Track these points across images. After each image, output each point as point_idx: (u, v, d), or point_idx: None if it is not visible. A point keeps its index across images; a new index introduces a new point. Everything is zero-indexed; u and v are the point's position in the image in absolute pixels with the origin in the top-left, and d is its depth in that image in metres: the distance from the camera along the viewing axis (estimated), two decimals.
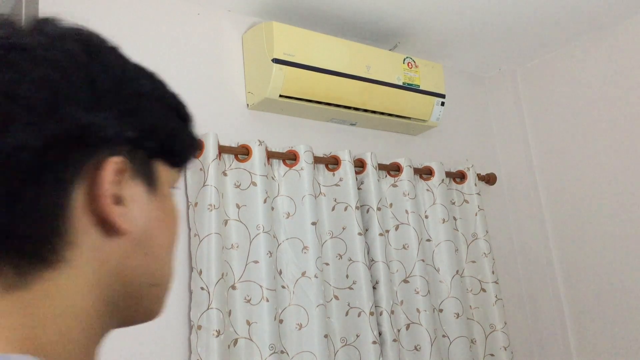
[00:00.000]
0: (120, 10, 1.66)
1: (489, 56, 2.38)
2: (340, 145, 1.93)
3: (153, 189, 0.48)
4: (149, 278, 0.49)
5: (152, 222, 0.48)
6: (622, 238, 2.13)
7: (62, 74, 0.43)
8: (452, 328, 1.94)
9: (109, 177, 0.44)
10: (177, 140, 0.50)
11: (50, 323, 0.42)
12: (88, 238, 0.44)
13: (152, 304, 0.50)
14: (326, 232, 1.80)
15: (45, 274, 0.42)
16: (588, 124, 2.26)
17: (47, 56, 0.43)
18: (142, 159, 0.47)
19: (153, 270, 0.49)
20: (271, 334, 1.54)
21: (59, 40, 0.46)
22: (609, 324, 2.14)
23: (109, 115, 0.44)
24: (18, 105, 0.40)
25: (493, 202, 2.35)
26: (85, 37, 0.48)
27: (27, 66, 0.42)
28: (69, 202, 0.43)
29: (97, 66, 0.46)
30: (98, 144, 0.44)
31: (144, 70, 0.50)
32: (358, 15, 1.95)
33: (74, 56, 0.45)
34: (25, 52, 0.43)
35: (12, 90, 0.41)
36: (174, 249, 0.52)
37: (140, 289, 0.48)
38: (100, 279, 0.45)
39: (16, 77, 0.41)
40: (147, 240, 0.48)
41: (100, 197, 0.43)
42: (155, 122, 0.48)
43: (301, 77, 1.76)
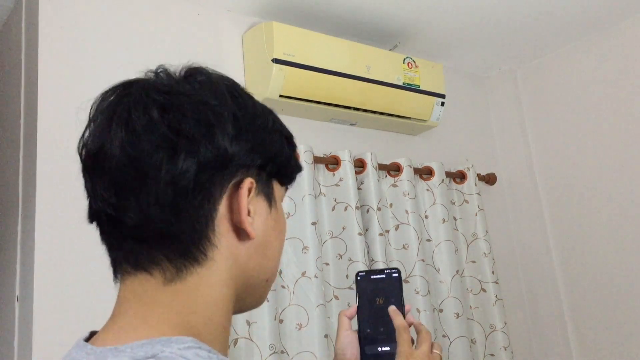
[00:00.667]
0: (120, 10, 1.66)
1: (489, 56, 2.38)
2: (340, 145, 1.93)
3: (271, 204, 0.61)
4: (264, 274, 0.61)
5: (269, 230, 0.60)
6: (622, 238, 2.13)
7: (215, 115, 0.54)
8: (452, 328, 1.94)
9: (245, 194, 0.55)
10: (289, 165, 0.63)
11: (201, 310, 0.53)
12: (226, 241, 0.55)
13: (261, 295, 0.63)
14: (326, 232, 1.80)
15: (196, 270, 0.54)
16: (588, 123, 2.26)
17: (204, 100, 0.55)
18: (264, 180, 0.59)
19: (267, 268, 0.61)
20: (271, 334, 1.54)
21: (210, 86, 0.57)
22: (609, 324, 2.14)
23: (246, 146, 0.56)
24: (182, 139, 0.52)
25: (493, 202, 2.35)
26: (229, 83, 0.60)
27: (189, 108, 0.54)
28: (216, 213, 0.55)
29: (238, 107, 0.57)
30: (237, 169, 0.56)
31: (266, 108, 0.62)
32: (358, 15, 1.95)
33: (224, 99, 0.56)
34: (186, 97, 0.54)
35: (178, 127, 0.52)
36: (281, 252, 0.65)
37: (257, 282, 0.60)
38: (233, 274, 0.56)
39: (180, 117, 0.53)
40: (265, 245, 0.60)
41: (240, 210, 0.55)
42: (275, 151, 0.60)
43: (301, 77, 1.76)
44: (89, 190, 0.56)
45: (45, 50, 1.50)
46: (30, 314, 1.33)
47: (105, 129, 0.54)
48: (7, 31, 1.78)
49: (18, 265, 1.46)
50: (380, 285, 0.91)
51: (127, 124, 0.53)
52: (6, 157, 1.68)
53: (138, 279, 0.54)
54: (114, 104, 0.55)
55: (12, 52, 1.70)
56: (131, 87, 0.56)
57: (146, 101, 0.53)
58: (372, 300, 0.90)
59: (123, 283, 0.55)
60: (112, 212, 0.53)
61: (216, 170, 0.54)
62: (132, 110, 0.53)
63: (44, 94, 1.46)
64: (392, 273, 0.91)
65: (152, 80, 0.57)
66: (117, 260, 0.56)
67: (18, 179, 1.53)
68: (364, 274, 0.93)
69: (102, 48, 1.59)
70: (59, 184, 1.41)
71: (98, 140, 0.54)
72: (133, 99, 0.54)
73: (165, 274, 0.53)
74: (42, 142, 1.43)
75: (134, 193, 0.52)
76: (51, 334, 1.32)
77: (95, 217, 0.56)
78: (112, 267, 0.57)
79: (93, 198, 0.55)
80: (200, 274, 0.54)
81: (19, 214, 1.49)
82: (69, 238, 1.39)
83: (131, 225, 0.52)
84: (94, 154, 0.54)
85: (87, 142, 0.56)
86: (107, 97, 0.57)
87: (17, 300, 1.44)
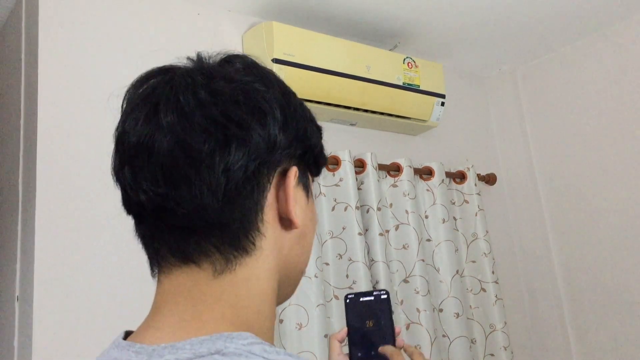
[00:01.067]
0: (120, 10, 1.66)
1: (489, 56, 2.38)
2: (340, 145, 1.93)
3: (308, 194, 0.60)
4: (301, 265, 0.61)
5: (307, 220, 0.59)
6: (622, 238, 2.13)
7: (266, 101, 0.53)
8: (452, 328, 1.94)
9: (292, 183, 0.55)
10: (322, 155, 0.62)
11: (251, 303, 0.53)
12: (272, 231, 0.54)
13: (294, 287, 0.62)
14: (326, 232, 1.80)
15: (245, 260, 0.53)
16: (588, 123, 2.26)
17: (254, 86, 0.53)
18: (303, 170, 0.58)
19: (304, 259, 0.61)
20: None
21: (255, 71, 0.56)
22: (609, 324, 2.14)
23: (291, 135, 0.55)
24: (234, 125, 0.51)
25: (493, 202, 2.35)
26: (269, 70, 0.58)
27: (240, 93, 0.52)
28: (265, 201, 0.54)
29: (284, 95, 0.56)
30: (284, 157, 0.55)
31: (299, 98, 0.61)
32: (358, 15, 1.95)
33: (271, 86, 0.55)
34: (235, 82, 0.53)
35: (230, 113, 0.51)
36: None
37: (295, 273, 0.60)
38: (277, 265, 0.56)
39: (232, 102, 0.51)
40: (304, 235, 0.59)
41: (288, 198, 0.55)
42: (313, 141, 0.59)
43: (301, 77, 1.76)
44: (127, 182, 0.53)
45: (45, 50, 1.50)
46: (30, 314, 1.33)
47: (150, 115, 0.51)
48: (7, 31, 1.78)
49: (18, 265, 1.46)
50: (369, 308, 0.91)
51: (176, 108, 0.51)
52: (6, 157, 1.68)
53: (185, 272, 0.52)
54: (158, 90, 0.53)
55: (12, 52, 1.70)
56: (172, 72, 0.54)
57: (193, 85, 0.52)
58: (362, 323, 0.90)
59: (167, 277, 0.53)
60: (161, 202, 0.50)
61: (266, 158, 0.52)
62: (179, 95, 0.51)
63: (44, 94, 1.46)
64: (380, 295, 0.91)
65: (192, 66, 0.55)
66: (160, 253, 0.53)
67: (18, 179, 1.53)
68: (353, 296, 0.93)
69: (102, 48, 1.59)
70: (59, 184, 1.41)
71: (144, 128, 0.51)
72: (178, 83, 0.52)
73: (215, 265, 0.52)
74: (42, 142, 1.43)
75: (186, 181, 0.50)
76: (51, 334, 1.32)
77: (135, 209, 0.53)
78: (150, 260, 0.55)
79: (134, 190, 0.52)
80: (250, 264, 0.53)
81: (19, 214, 1.49)
82: (69, 238, 1.39)
83: (182, 215, 0.50)
84: (139, 142, 0.51)
85: (128, 130, 0.53)
86: (142, 85, 0.55)
87: (17, 300, 1.44)
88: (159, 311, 0.52)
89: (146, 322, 0.53)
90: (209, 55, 0.57)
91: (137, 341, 0.51)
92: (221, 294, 0.51)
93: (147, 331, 0.52)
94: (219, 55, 0.57)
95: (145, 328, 0.52)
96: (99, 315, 1.38)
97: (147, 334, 0.51)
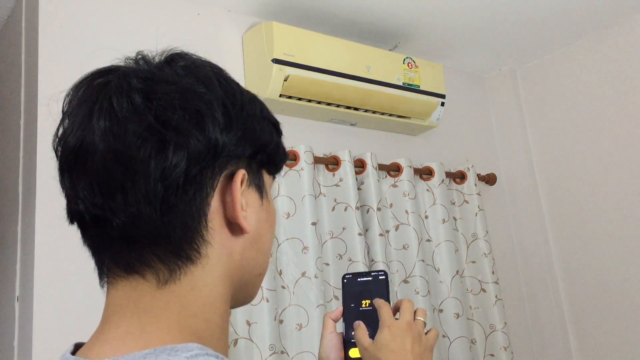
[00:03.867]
0: (120, 10, 1.66)
1: (489, 56, 2.38)
2: (340, 146, 1.93)
3: (262, 195, 0.57)
4: (258, 268, 0.58)
5: (261, 222, 0.57)
6: (622, 238, 2.13)
7: (205, 103, 0.51)
8: (452, 328, 1.94)
9: (238, 187, 0.52)
10: (278, 153, 0.59)
11: (199, 312, 0.51)
12: (219, 237, 0.52)
13: (254, 290, 0.60)
14: (326, 232, 1.80)
15: (190, 270, 0.51)
16: (588, 123, 2.26)
17: (191, 87, 0.51)
18: (255, 170, 0.56)
19: (261, 262, 0.59)
20: (271, 334, 1.54)
21: (195, 72, 0.54)
22: (609, 324, 2.14)
23: (236, 136, 0.52)
24: (171, 130, 0.48)
25: (493, 202, 2.35)
26: (214, 69, 0.56)
27: (176, 96, 0.50)
28: (209, 208, 0.51)
29: (226, 94, 0.53)
30: (229, 160, 0.52)
31: (252, 94, 0.58)
32: (358, 15, 1.95)
33: (212, 86, 0.53)
34: (172, 84, 0.51)
35: (166, 117, 0.49)
36: (272, 244, 0.62)
37: (251, 277, 0.58)
38: (228, 271, 0.54)
39: (167, 106, 0.49)
40: (258, 238, 0.57)
41: (234, 203, 0.52)
42: (265, 139, 0.56)
43: (301, 77, 1.75)
44: (67, 190, 0.52)
45: (45, 50, 1.50)
46: (30, 314, 1.33)
47: (85, 121, 0.50)
48: (7, 31, 1.78)
49: (18, 265, 1.46)
50: (366, 288, 0.89)
51: (109, 114, 0.49)
52: (6, 157, 1.68)
53: (130, 283, 0.51)
54: (94, 94, 0.51)
55: (12, 52, 1.70)
56: (109, 74, 0.52)
57: (128, 90, 0.50)
58: (358, 303, 0.88)
59: (113, 288, 0.52)
60: (98, 212, 0.49)
61: (207, 163, 0.50)
62: (113, 100, 0.49)
63: (44, 94, 1.46)
64: (378, 275, 0.89)
65: (132, 68, 0.53)
66: (105, 263, 0.52)
67: (18, 179, 1.53)
68: (350, 276, 0.91)
69: (102, 48, 1.59)
70: (59, 184, 1.41)
71: (78, 133, 0.50)
72: (114, 87, 0.50)
73: (159, 275, 0.50)
74: (42, 142, 1.43)
75: (121, 190, 0.48)
76: (51, 334, 1.32)
77: (76, 219, 0.52)
78: (97, 272, 0.53)
79: (73, 198, 0.51)
80: (195, 273, 0.51)
81: (19, 214, 1.49)
82: (69, 238, 1.39)
83: (119, 226, 0.48)
84: (75, 149, 0.50)
85: (64, 136, 0.52)
86: (82, 87, 0.53)
87: (17, 300, 1.44)
88: (106, 324, 0.51)
89: (94, 336, 0.52)
90: (153, 55, 0.56)
91: (84, 356, 0.50)
92: (167, 305, 0.50)
93: (94, 345, 0.50)
94: (163, 54, 0.56)
95: (93, 342, 0.51)
96: (99, 316, 1.38)
97: (94, 348, 0.50)
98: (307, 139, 1.84)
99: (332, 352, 0.86)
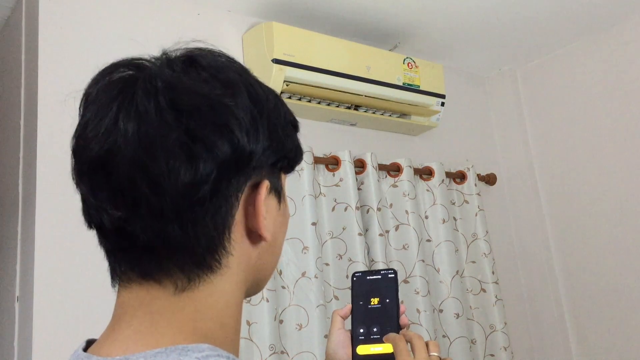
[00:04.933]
0: (120, 10, 1.66)
1: (489, 56, 2.38)
2: (340, 146, 1.93)
3: (280, 199, 0.57)
4: (271, 270, 0.59)
5: (277, 228, 0.57)
6: (622, 238, 2.13)
7: (234, 116, 0.49)
8: (452, 328, 1.94)
9: (263, 199, 0.52)
10: (298, 157, 0.58)
11: (214, 316, 0.50)
12: (240, 247, 0.52)
13: (262, 287, 0.60)
14: (326, 232, 1.80)
15: (210, 278, 0.50)
16: (588, 124, 2.26)
17: (220, 100, 0.49)
18: (276, 176, 0.55)
19: (274, 265, 0.59)
20: (271, 334, 1.54)
21: (221, 78, 0.51)
22: (609, 324, 2.14)
23: (263, 145, 0.51)
24: (200, 143, 0.47)
25: (493, 202, 2.35)
26: (239, 70, 0.54)
27: (206, 110, 0.48)
28: (233, 220, 0.51)
29: (254, 102, 0.52)
30: (254, 170, 0.51)
31: (273, 96, 0.56)
32: (358, 15, 1.95)
33: (240, 97, 0.51)
34: (200, 96, 0.49)
35: (195, 131, 0.47)
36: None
37: (264, 278, 0.58)
38: (245, 278, 0.54)
39: (196, 119, 0.47)
40: (274, 243, 0.57)
41: (258, 215, 0.52)
42: (289, 146, 0.55)
43: (301, 77, 1.75)
44: (86, 196, 0.50)
45: (45, 50, 1.50)
46: (30, 314, 1.33)
47: (111, 123, 0.47)
48: (7, 31, 1.78)
49: (18, 265, 1.46)
50: (376, 286, 0.90)
51: (136, 116, 0.47)
52: (6, 157, 1.68)
53: (144, 288, 0.50)
54: (120, 97, 0.48)
55: (12, 52, 1.70)
56: (135, 70, 0.50)
57: (155, 94, 0.48)
58: (366, 301, 0.89)
59: (126, 290, 0.51)
60: (121, 224, 0.48)
61: (234, 174, 0.49)
62: (138, 101, 0.47)
63: (44, 94, 1.46)
64: (388, 274, 0.90)
65: (157, 69, 0.51)
66: (121, 267, 0.51)
67: (18, 179, 1.53)
68: (360, 274, 0.92)
69: (102, 48, 1.59)
70: (59, 184, 1.41)
71: (104, 139, 0.47)
72: (140, 88, 0.48)
73: (177, 283, 0.49)
74: (42, 142, 1.43)
75: (146, 205, 0.47)
76: (51, 334, 1.32)
77: (96, 226, 0.51)
78: (110, 272, 0.53)
79: (94, 206, 0.49)
80: (214, 281, 0.50)
81: (19, 214, 1.49)
82: (69, 238, 1.39)
83: (143, 240, 0.48)
84: (99, 156, 0.48)
85: (87, 138, 0.49)
86: (103, 81, 0.51)
87: (17, 300, 1.44)
88: (117, 323, 0.51)
89: (105, 334, 0.52)
90: (174, 52, 0.54)
91: (95, 353, 0.50)
92: (182, 309, 0.49)
93: (105, 343, 0.50)
94: (182, 54, 0.54)
95: (103, 339, 0.51)
96: (99, 316, 1.38)
97: (104, 345, 0.50)
98: (307, 139, 1.82)
99: (339, 348, 0.86)
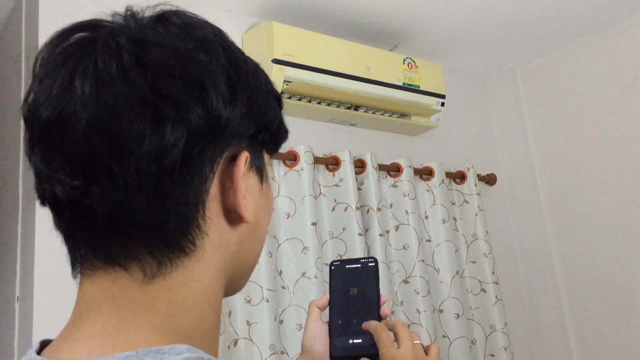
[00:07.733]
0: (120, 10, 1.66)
1: (489, 56, 2.38)
2: (340, 146, 1.93)
3: (262, 179, 0.51)
4: (253, 259, 0.52)
5: (260, 210, 0.50)
6: (622, 238, 2.13)
7: (207, 74, 0.44)
8: (452, 328, 1.94)
9: (241, 171, 0.46)
10: (281, 130, 0.52)
11: (190, 309, 0.44)
12: (216, 227, 0.46)
13: (244, 282, 0.54)
14: (326, 232, 1.80)
15: (183, 262, 0.44)
16: (588, 124, 2.26)
17: (193, 55, 0.44)
18: (257, 151, 0.49)
19: (257, 253, 0.53)
20: (271, 334, 1.54)
21: (195, 35, 0.46)
22: (609, 324, 2.14)
23: (241, 111, 0.45)
24: (169, 104, 0.41)
25: (493, 202, 2.35)
26: (216, 32, 0.48)
27: (176, 65, 0.42)
28: (208, 194, 0.44)
29: (231, 63, 0.46)
30: (231, 139, 0.45)
31: (253, 62, 0.50)
32: (358, 15, 1.95)
33: (215, 54, 0.45)
34: (171, 50, 0.43)
35: (163, 89, 0.42)
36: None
37: (247, 269, 0.52)
38: (224, 264, 0.47)
39: (165, 76, 0.42)
40: (257, 227, 0.50)
41: (236, 191, 0.46)
42: (270, 116, 0.49)
43: (301, 77, 1.76)
44: (38, 167, 0.44)
45: None
46: (30, 314, 1.33)
47: (65, 86, 0.42)
48: (7, 31, 1.78)
49: (18, 265, 1.46)
50: (355, 275, 0.85)
51: (95, 78, 0.41)
52: (6, 157, 1.68)
53: (110, 276, 0.43)
54: (76, 53, 0.43)
55: (12, 52, 1.70)
56: (93, 30, 0.45)
57: (117, 51, 0.42)
58: (345, 291, 0.84)
59: (88, 280, 0.45)
60: (78, 196, 0.42)
61: (208, 142, 0.43)
62: (99, 61, 0.42)
63: None
64: (368, 262, 0.86)
65: (120, 25, 0.46)
66: (81, 252, 0.45)
67: (18, 179, 1.53)
68: (339, 263, 0.87)
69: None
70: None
71: (55, 101, 0.42)
72: (100, 46, 0.43)
73: (145, 269, 0.43)
74: None
75: (106, 172, 0.41)
76: (51, 334, 1.32)
77: (49, 201, 0.45)
78: (70, 260, 0.46)
79: (46, 178, 0.43)
80: (188, 267, 0.44)
81: (19, 214, 1.49)
82: None
83: (103, 214, 0.41)
84: (50, 120, 0.42)
85: (37, 103, 0.43)
86: (59, 44, 0.45)
87: (17, 300, 1.44)
88: (78, 320, 0.44)
89: (64, 332, 0.45)
90: (142, 10, 0.48)
91: (51, 357, 0.43)
92: (153, 301, 0.43)
93: (64, 344, 0.44)
94: (152, 9, 0.47)
95: (62, 339, 0.44)
96: None
97: (63, 347, 0.43)
98: (307, 139, 1.84)
99: (316, 341, 0.82)
